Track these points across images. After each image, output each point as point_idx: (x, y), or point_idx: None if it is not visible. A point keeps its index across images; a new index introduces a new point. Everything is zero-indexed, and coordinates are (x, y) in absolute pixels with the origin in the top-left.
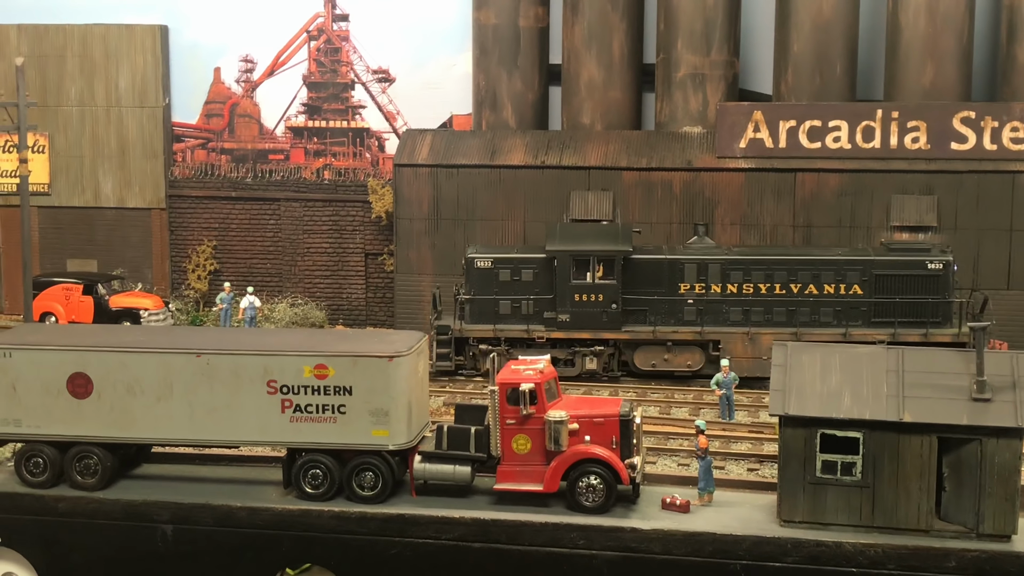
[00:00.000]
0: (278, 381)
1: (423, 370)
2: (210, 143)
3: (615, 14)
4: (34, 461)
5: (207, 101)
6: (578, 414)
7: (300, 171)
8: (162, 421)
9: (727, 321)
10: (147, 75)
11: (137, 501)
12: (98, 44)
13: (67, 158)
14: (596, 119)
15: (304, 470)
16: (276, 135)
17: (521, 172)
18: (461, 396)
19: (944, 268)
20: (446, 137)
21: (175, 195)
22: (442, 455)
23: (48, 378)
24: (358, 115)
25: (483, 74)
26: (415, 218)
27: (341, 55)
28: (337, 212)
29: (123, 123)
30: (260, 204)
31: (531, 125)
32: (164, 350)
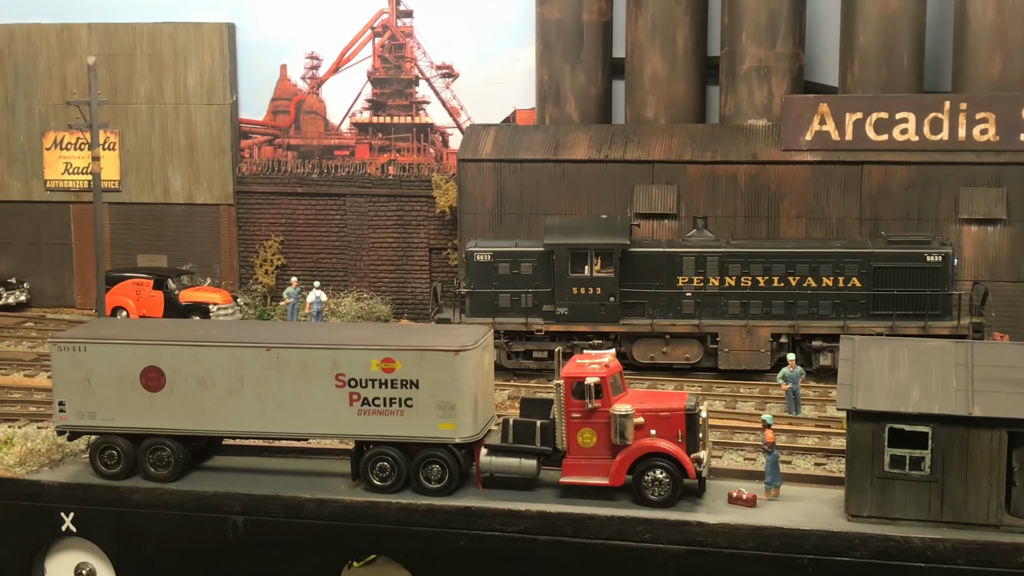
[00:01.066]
0: (346, 374)
1: (489, 364)
2: (277, 139)
3: (679, 7)
4: (108, 453)
5: (274, 98)
6: (644, 408)
7: (365, 167)
8: (233, 414)
9: (725, 314)
10: (215, 73)
11: (209, 493)
12: (167, 42)
13: (137, 155)
14: (660, 113)
15: (372, 462)
16: (341, 131)
17: (584, 166)
18: (526, 390)
19: (943, 261)
20: (510, 132)
21: (243, 191)
22: (508, 448)
23: (122, 372)
24: (422, 111)
25: (546, 69)
26: (479, 213)
27: (405, 51)
28: (401, 207)
29: (191, 120)
30: (326, 200)
31: (594, 119)
32: (235, 344)
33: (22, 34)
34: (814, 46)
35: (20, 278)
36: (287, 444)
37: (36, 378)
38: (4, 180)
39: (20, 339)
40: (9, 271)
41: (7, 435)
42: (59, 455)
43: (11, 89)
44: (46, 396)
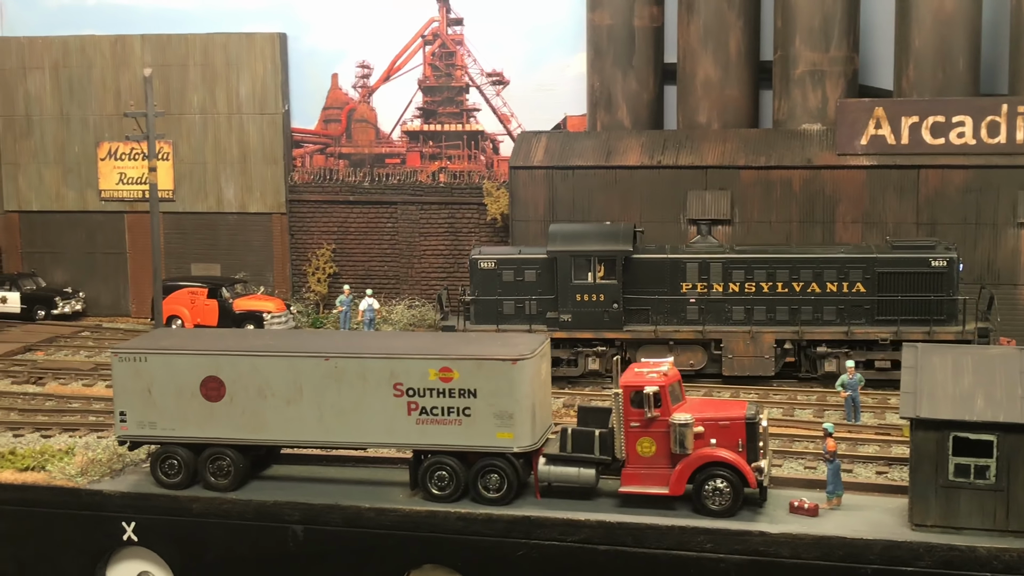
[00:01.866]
0: (404, 384)
1: (546, 372)
2: (328, 148)
3: (731, 12)
4: (169, 463)
5: (325, 107)
6: (703, 417)
7: (416, 174)
8: (292, 423)
9: (729, 320)
10: (267, 82)
11: (268, 502)
12: (219, 53)
13: (190, 165)
14: (712, 118)
15: (430, 472)
16: (392, 139)
17: (637, 172)
18: (581, 398)
19: (948, 265)
20: (561, 139)
21: (295, 200)
22: (566, 457)
23: (182, 382)
24: (472, 118)
25: (598, 75)
26: (531, 220)
27: (455, 59)
28: (453, 214)
29: (244, 130)
30: (377, 208)
31: (646, 125)
32: (294, 354)
33: (77, 46)
34: (868, 49)
35: (75, 287)
36: (344, 453)
37: (95, 387)
38: (59, 191)
39: (77, 348)
40: (65, 281)
41: (68, 445)
42: (120, 465)
43: (66, 100)
44: (105, 406)
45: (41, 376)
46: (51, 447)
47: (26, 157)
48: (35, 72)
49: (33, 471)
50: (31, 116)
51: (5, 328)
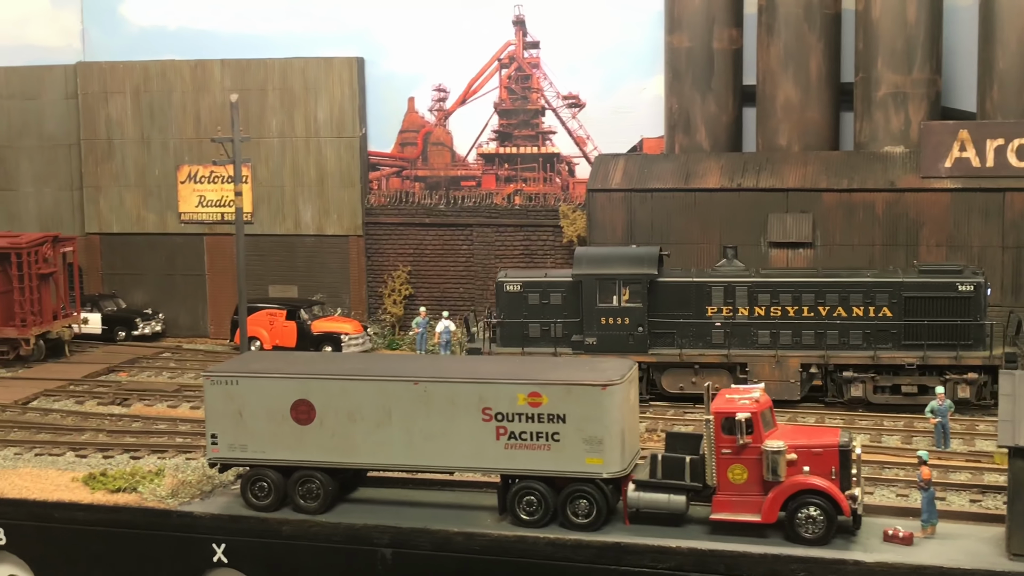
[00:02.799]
0: (493, 408)
1: (634, 398)
2: (404, 171)
3: (812, 34)
4: (259, 485)
5: (401, 130)
6: (796, 444)
7: (492, 197)
8: (381, 447)
9: (755, 344)
10: (344, 106)
11: (358, 525)
12: (297, 77)
13: (269, 188)
14: (793, 140)
15: (519, 496)
16: (468, 162)
17: (717, 195)
18: (663, 423)
19: (975, 290)
20: (639, 161)
21: (371, 222)
22: (656, 484)
23: (273, 405)
24: (548, 140)
25: (676, 97)
26: (609, 243)
27: (532, 82)
28: (528, 237)
29: (322, 153)
30: (453, 230)
31: (725, 147)
32: (383, 378)
33: (157, 70)
34: (951, 71)
35: (155, 309)
36: (431, 476)
37: (179, 409)
38: (140, 213)
39: (159, 369)
40: (145, 302)
41: (158, 467)
42: (209, 486)
43: (146, 124)
44: (191, 427)
45: (126, 397)
46: (141, 468)
47: (107, 180)
48: (117, 96)
49: (124, 492)
50: (112, 140)
51: (87, 349)
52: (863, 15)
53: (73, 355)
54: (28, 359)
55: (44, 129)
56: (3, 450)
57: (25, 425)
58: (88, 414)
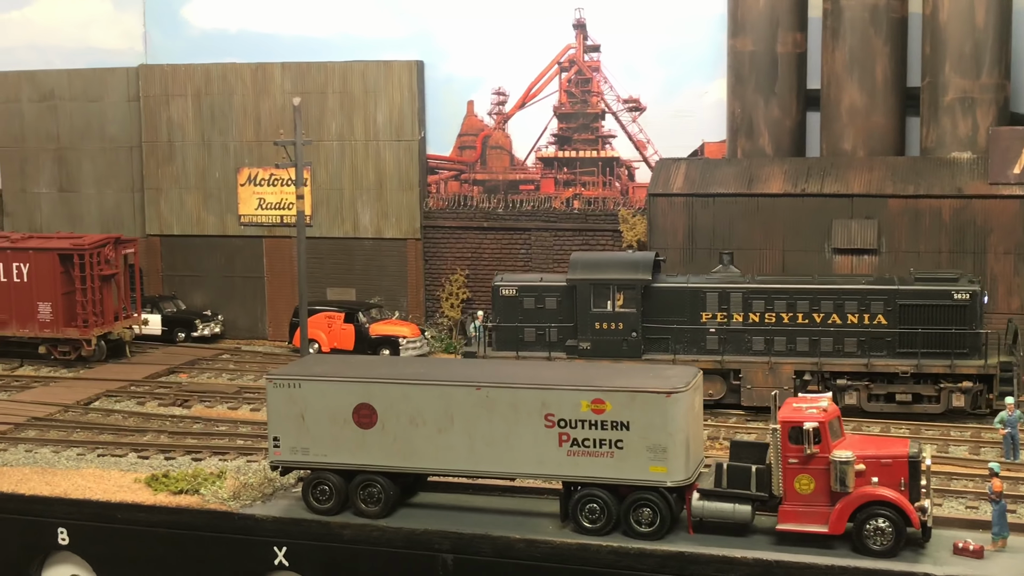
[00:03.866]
0: (555, 415)
1: (699, 406)
2: (463, 174)
3: (878, 38)
4: (320, 488)
5: (460, 134)
6: (865, 454)
7: (550, 201)
8: (443, 452)
9: (749, 350)
10: (404, 110)
11: (419, 530)
12: (357, 81)
13: (328, 191)
14: (858, 145)
15: (581, 504)
16: (527, 166)
17: (780, 200)
18: (725, 431)
19: (971, 299)
20: (701, 166)
21: (429, 225)
22: (721, 493)
23: (335, 408)
24: (608, 144)
25: (739, 101)
26: (669, 248)
27: (592, 85)
28: (587, 241)
29: (380, 156)
30: (511, 234)
31: (788, 152)
32: (445, 383)
33: (218, 73)
34: (1020, 76)
35: (214, 310)
36: (491, 482)
37: (239, 411)
38: (200, 215)
39: (219, 371)
40: (204, 303)
41: (219, 469)
42: (271, 489)
43: (207, 127)
44: (251, 429)
45: (187, 399)
46: (203, 470)
47: (168, 182)
48: (178, 99)
49: (187, 494)
50: (173, 142)
51: (147, 350)
52: (930, 19)
53: (134, 356)
54: (89, 360)
55: (106, 131)
56: (66, 450)
57: (87, 426)
58: (149, 415)
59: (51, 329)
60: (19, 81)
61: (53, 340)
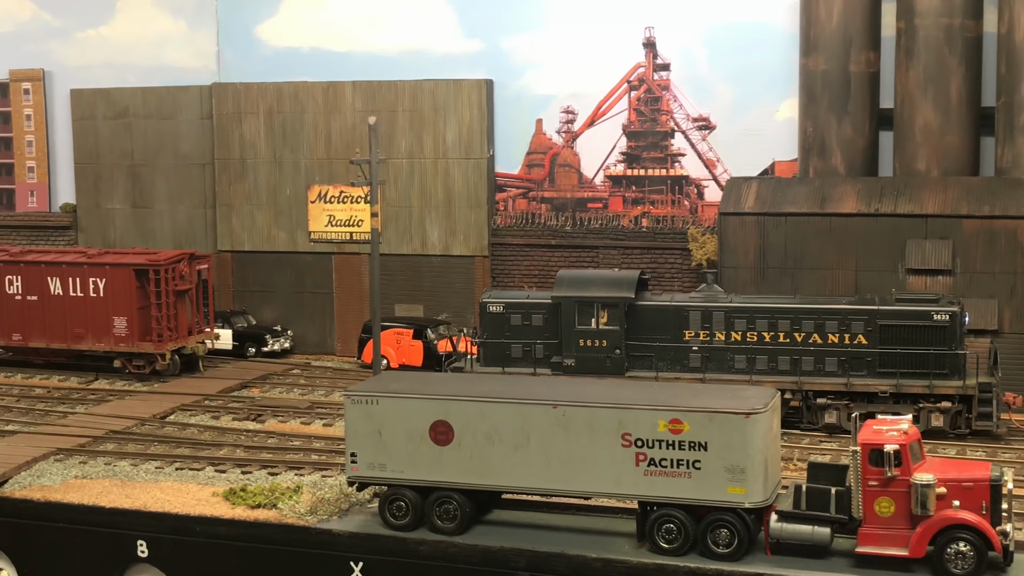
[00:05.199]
0: (632, 434)
1: (777, 427)
2: (531, 192)
3: (952, 57)
4: (397, 504)
5: (529, 151)
6: (946, 478)
7: (618, 219)
8: (519, 469)
9: (731, 369)
10: (473, 128)
11: (495, 547)
12: (427, 99)
13: (397, 208)
14: (932, 165)
15: (658, 524)
16: (595, 184)
17: (853, 220)
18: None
19: (950, 319)
20: (772, 185)
21: (497, 243)
22: (800, 515)
23: (412, 425)
24: (677, 163)
25: (810, 120)
26: (740, 267)
27: (661, 104)
28: (655, 259)
29: (449, 174)
30: (579, 252)
31: (860, 172)
32: (522, 401)
33: (290, 92)
34: None
35: (284, 325)
36: (565, 500)
37: (312, 426)
38: (271, 232)
39: (290, 386)
40: (274, 319)
41: (296, 483)
42: (346, 504)
43: (279, 145)
44: (325, 444)
45: (260, 413)
46: (280, 485)
47: (240, 199)
48: (250, 117)
49: (264, 508)
50: (245, 160)
51: (219, 364)
52: (1006, 38)
53: (207, 370)
54: (163, 374)
55: (179, 148)
56: (144, 463)
57: (164, 439)
58: (224, 429)
59: (126, 343)
60: (95, 98)
61: (128, 354)
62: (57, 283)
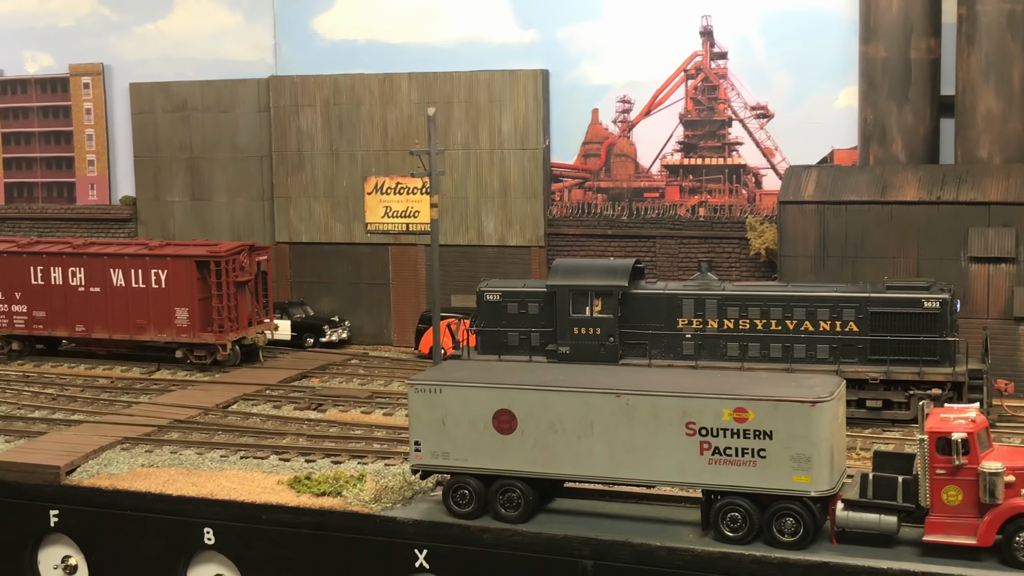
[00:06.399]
0: (697, 423)
1: (842, 415)
2: (587, 182)
3: (1015, 43)
4: (460, 492)
5: (585, 141)
6: (1015, 466)
7: (675, 208)
8: (582, 458)
9: (724, 356)
10: (528, 118)
11: (558, 535)
12: (483, 90)
13: (453, 199)
14: (994, 152)
15: (723, 512)
16: (651, 173)
17: (914, 208)
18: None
19: (941, 307)
20: (832, 173)
21: (553, 233)
22: (867, 503)
23: (475, 414)
24: (735, 152)
25: (870, 108)
26: (800, 256)
27: (718, 93)
28: (712, 248)
29: (505, 165)
30: (635, 241)
31: (921, 159)
32: (585, 389)
33: (347, 84)
34: None
35: (341, 316)
36: (628, 489)
37: (373, 415)
38: (328, 223)
39: (349, 376)
40: (331, 309)
41: (359, 472)
42: (410, 492)
43: (335, 137)
44: (386, 433)
45: (321, 402)
46: (343, 473)
47: (297, 191)
48: (307, 109)
49: (329, 496)
50: (302, 152)
51: (277, 355)
52: None
53: (266, 361)
54: (224, 364)
55: (237, 141)
56: (210, 452)
57: (228, 428)
58: (286, 418)
59: (188, 334)
60: (153, 92)
61: (189, 345)
62: (120, 275)
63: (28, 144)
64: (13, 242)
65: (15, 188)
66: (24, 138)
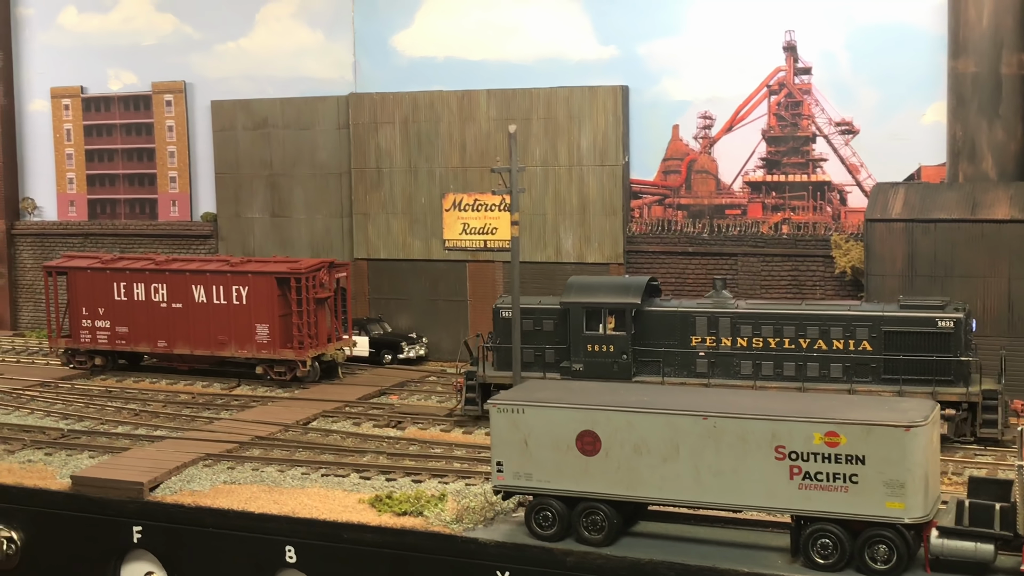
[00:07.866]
0: (787, 447)
1: (936, 440)
2: (667, 199)
3: None
4: (543, 514)
5: (665, 158)
6: None
7: (758, 226)
8: (668, 482)
9: (737, 374)
10: (608, 135)
11: (643, 560)
12: (562, 106)
13: (531, 216)
14: None
15: (813, 539)
16: (733, 190)
17: (1006, 227)
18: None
19: (955, 326)
20: (920, 190)
21: (632, 250)
22: (962, 531)
23: (558, 435)
24: (819, 168)
25: (959, 124)
26: (887, 275)
27: (802, 108)
28: (796, 267)
29: (584, 182)
30: (717, 259)
31: (1013, 177)
32: (670, 411)
33: (425, 101)
34: None
35: (419, 332)
36: (712, 513)
37: (452, 433)
38: (406, 240)
39: (428, 393)
40: (409, 326)
41: (440, 491)
42: (491, 513)
43: (414, 154)
44: (466, 452)
45: (400, 420)
46: (424, 492)
47: (376, 207)
48: (386, 126)
49: (410, 515)
50: (381, 168)
51: (356, 371)
52: None
53: (345, 377)
54: (304, 380)
55: (316, 158)
56: (291, 469)
57: (308, 445)
58: (366, 436)
59: (268, 350)
60: (234, 110)
61: (270, 361)
62: (201, 291)
63: (111, 161)
64: (97, 258)
65: (99, 204)
66: (108, 155)
